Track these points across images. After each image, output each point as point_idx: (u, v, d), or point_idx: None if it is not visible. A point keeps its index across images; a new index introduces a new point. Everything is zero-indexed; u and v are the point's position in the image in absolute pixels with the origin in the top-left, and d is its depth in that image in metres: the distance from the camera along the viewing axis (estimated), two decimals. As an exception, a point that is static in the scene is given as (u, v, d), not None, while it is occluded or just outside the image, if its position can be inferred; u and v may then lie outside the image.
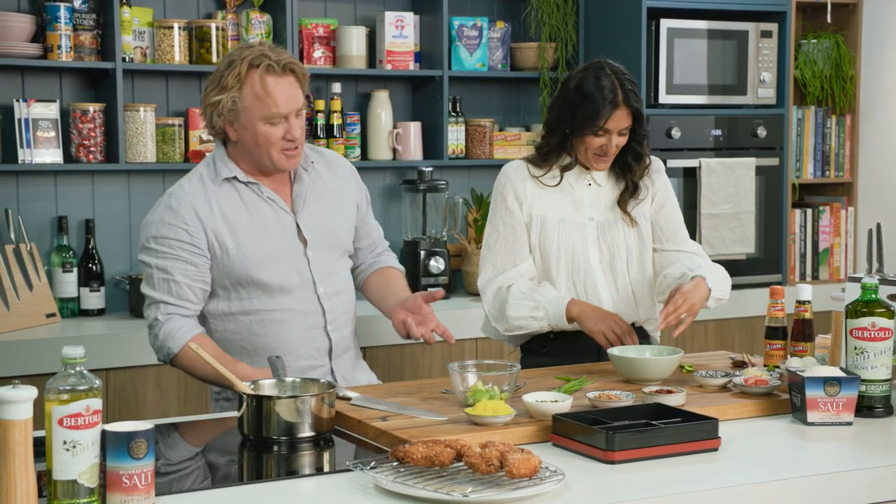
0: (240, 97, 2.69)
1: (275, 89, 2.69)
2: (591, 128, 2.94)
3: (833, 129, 5.18)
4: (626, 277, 3.06)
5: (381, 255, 3.07)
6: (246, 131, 2.72)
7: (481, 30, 4.71)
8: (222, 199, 2.76)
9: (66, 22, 4.02)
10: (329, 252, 2.85)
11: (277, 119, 2.70)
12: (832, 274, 5.17)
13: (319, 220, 2.84)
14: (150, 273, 2.74)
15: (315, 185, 2.87)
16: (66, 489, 1.81)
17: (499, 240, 3.05)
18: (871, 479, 2.15)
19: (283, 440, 2.29)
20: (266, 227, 2.77)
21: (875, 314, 2.48)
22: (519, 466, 1.92)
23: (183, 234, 2.71)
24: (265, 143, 2.71)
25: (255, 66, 2.68)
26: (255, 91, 2.68)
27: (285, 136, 2.72)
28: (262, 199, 2.79)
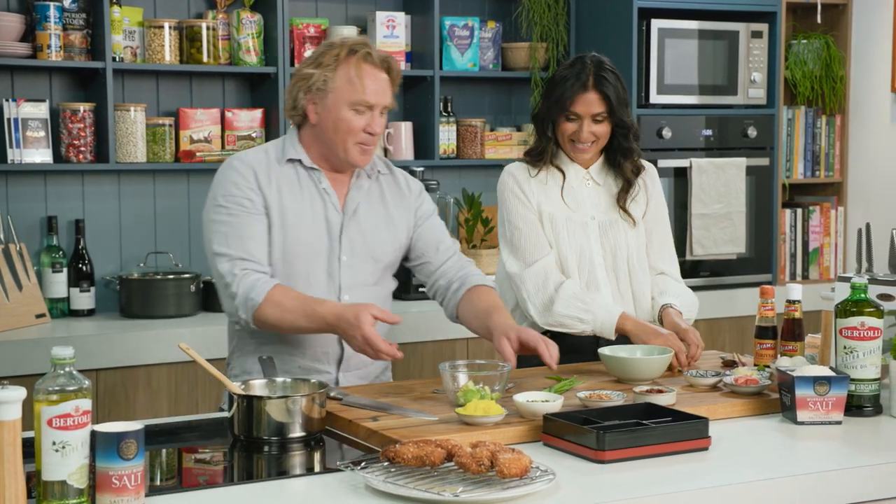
0: (332, 77, 2.68)
1: (368, 78, 2.69)
2: (563, 112, 2.99)
3: (823, 130, 5.19)
4: (627, 277, 3.07)
5: (467, 276, 2.88)
6: (329, 114, 2.70)
7: (472, 30, 4.71)
8: (281, 177, 2.74)
9: (56, 21, 4.02)
10: (364, 263, 2.80)
11: (363, 108, 2.69)
12: (822, 273, 5.18)
13: (365, 229, 2.79)
14: (222, 231, 2.68)
15: (372, 196, 2.83)
16: (55, 490, 1.80)
17: (521, 232, 3.04)
18: (861, 478, 2.15)
19: (274, 440, 2.29)
20: (313, 217, 2.74)
21: (864, 314, 2.49)
22: (510, 466, 1.92)
23: (250, 193, 2.70)
24: (345, 130, 2.69)
25: (354, 51, 2.69)
26: (348, 74, 2.68)
27: (366, 129, 2.70)
28: (317, 189, 2.76)
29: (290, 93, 2.75)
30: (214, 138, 4.32)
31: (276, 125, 4.34)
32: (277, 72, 4.31)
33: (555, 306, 2.97)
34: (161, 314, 4.06)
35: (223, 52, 4.32)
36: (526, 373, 2.86)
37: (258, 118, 4.40)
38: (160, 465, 2.27)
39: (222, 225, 2.70)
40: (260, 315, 2.63)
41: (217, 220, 2.71)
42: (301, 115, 2.75)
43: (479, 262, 4.52)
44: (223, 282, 2.68)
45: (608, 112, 2.99)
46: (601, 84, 2.97)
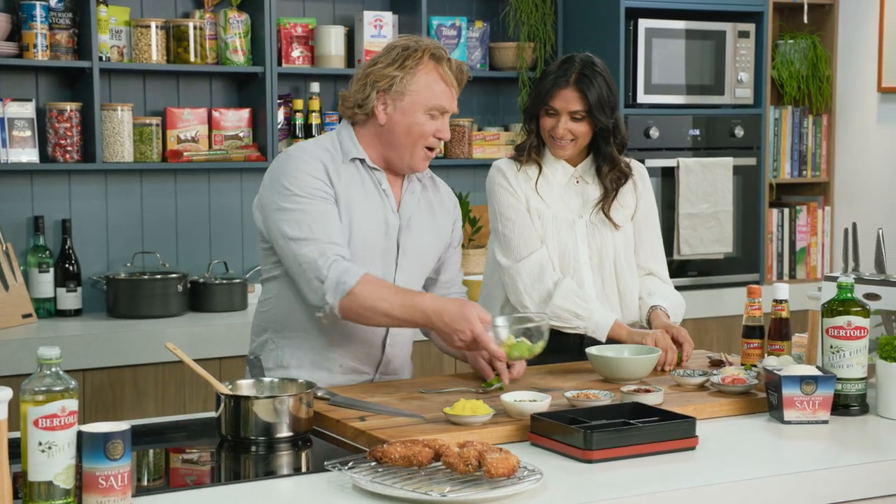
0: (412, 80, 2.67)
1: (448, 83, 2.70)
2: (543, 106, 3.01)
3: (810, 129, 5.21)
4: (613, 278, 3.07)
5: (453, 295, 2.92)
6: (403, 117, 2.68)
7: (460, 29, 4.71)
8: (346, 173, 2.71)
9: (42, 21, 4.00)
10: (415, 268, 2.80)
11: (438, 113, 2.69)
12: (809, 273, 5.20)
13: (417, 235, 2.79)
14: (301, 217, 2.60)
15: (422, 203, 2.83)
16: (41, 491, 1.80)
17: (514, 227, 3.03)
18: (847, 477, 2.16)
19: (261, 440, 2.29)
20: (375, 217, 2.72)
21: (851, 313, 2.49)
22: (497, 466, 1.92)
23: (323, 185, 2.65)
24: (417, 134, 2.68)
25: (436, 57, 2.69)
26: (429, 79, 2.68)
27: (436, 133, 2.69)
28: (378, 189, 2.74)
29: (359, 90, 2.70)
30: (202, 138, 4.32)
31: (263, 124, 4.33)
32: (264, 71, 4.30)
33: (554, 299, 2.97)
34: (148, 314, 4.05)
35: (210, 51, 4.31)
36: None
37: (245, 118, 4.39)
38: (147, 465, 2.27)
39: (297, 212, 2.61)
40: (351, 300, 2.54)
41: (290, 207, 2.62)
42: (366, 115, 2.71)
43: (467, 262, 4.53)
44: (311, 265, 2.57)
45: (586, 111, 2.98)
46: (582, 82, 2.97)
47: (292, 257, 2.61)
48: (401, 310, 2.55)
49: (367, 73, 2.71)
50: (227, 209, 4.46)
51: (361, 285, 2.54)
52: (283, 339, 2.76)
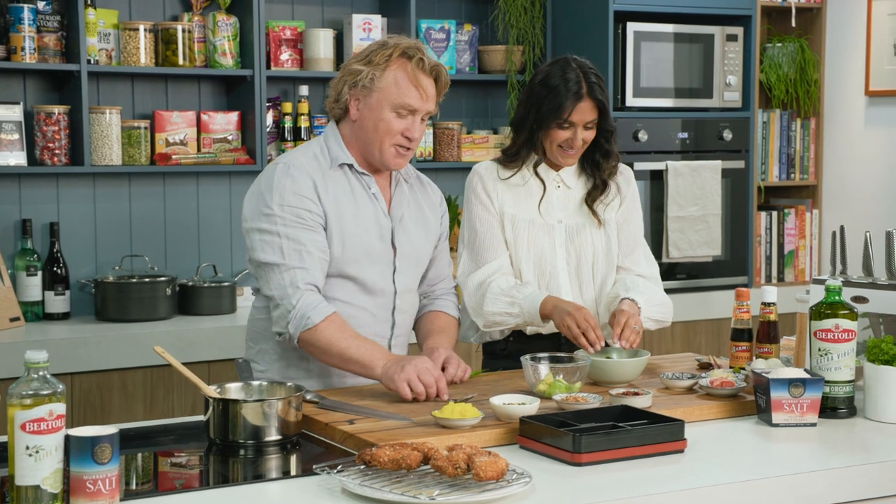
0: (380, 77, 2.67)
1: (415, 83, 2.68)
2: (556, 120, 2.95)
3: (798, 132, 5.22)
4: (592, 282, 3.05)
5: (439, 296, 2.95)
6: (371, 113, 2.69)
7: (449, 33, 4.72)
8: (335, 184, 2.72)
9: (30, 23, 3.99)
10: (412, 268, 2.82)
11: (405, 112, 2.68)
12: (797, 276, 5.21)
13: (411, 234, 2.81)
14: (278, 242, 2.63)
15: (411, 201, 2.84)
16: (28, 495, 1.79)
17: (476, 234, 3.03)
18: (835, 480, 2.16)
19: (250, 444, 2.29)
20: (367, 223, 2.74)
21: (839, 316, 2.50)
22: (486, 469, 1.92)
23: (311, 206, 2.66)
24: (384, 132, 2.69)
25: (407, 55, 2.68)
26: (396, 76, 2.68)
27: (404, 132, 2.69)
28: (368, 194, 2.76)
29: (335, 86, 2.74)
30: (190, 141, 4.31)
31: (252, 127, 4.33)
32: (253, 74, 4.30)
33: (484, 307, 2.97)
34: (136, 317, 4.04)
35: (199, 54, 4.30)
36: (501, 375, 2.87)
37: (234, 121, 4.39)
38: (136, 469, 2.26)
39: (275, 235, 2.64)
40: (311, 335, 2.58)
41: (269, 229, 2.65)
42: (342, 110, 2.74)
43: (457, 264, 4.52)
44: (280, 293, 2.61)
45: (599, 118, 2.99)
46: (594, 91, 2.95)
47: (264, 280, 2.66)
48: (356, 353, 2.57)
49: (342, 69, 2.75)
50: (216, 212, 4.45)
51: (325, 323, 2.58)
52: (285, 349, 2.75)
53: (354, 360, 2.58)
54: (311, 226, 2.65)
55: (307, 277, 2.61)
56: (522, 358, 2.64)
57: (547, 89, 2.96)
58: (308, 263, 2.63)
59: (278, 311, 2.63)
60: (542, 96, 2.97)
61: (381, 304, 2.77)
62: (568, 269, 3.03)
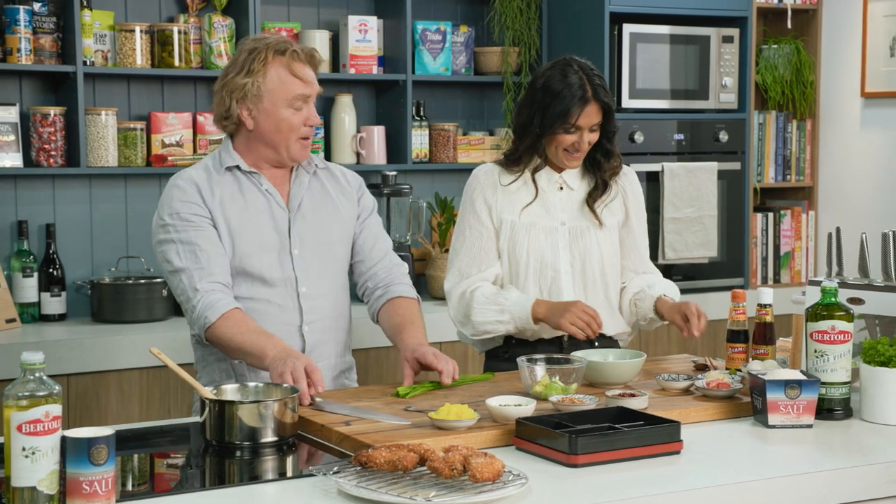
0: (264, 81, 2.73)
1: (301, 73, 2.75)
2: (563, 125, 2.94)
3: (794, 134, 5.23)
4: (597, 284, 3.04)
5: (391, 281, 2.93)
6: (268, 117, 2.75)
7: (445, 34, 4.72)
8: (222, 187, 2.79)
9: (26, 25, 3.99)
10: (318, 255, 2.84)
11: (300, 103, 2.75)
12: (793, 277, 5.21)
13: (312, 221, 2.84)
14: (174, 249, 2.72)
15: (314, 189, 2.88)
16: (25, 496, 1.79)
17: (465, 244, 3.04)
18: (831, 481, 2.16)
19: (246, 445, 2.28)
20: (258, 217, 2.79)
21: (835, 317, 2.50)
22: (482, 470, 1.92)
23: (197, 209, 2.74)
24: (287, 129, 2.75)
25: (280, 51, 2.75)
26: (280, 75, 2.74)
27: (306, 122, 2.77)
28: (259, 190, 2.81)
29: (220, 103, 2.78)
30: (186, 142, 4.31)
31: (248, 129, 4.32)
32: (250, 76, 4.29)
33: (472, 316, 2.97)
34: (132, 319, 4.04)
35: (195, 56, 4.30)
36: (499, 377, 2.87)
37: (230, 122, 4.38)
38: (132, 470, 2.26)
39: (172, 244, 2.74)
40: (211, 333, 2.67)
41: (166, 238, 2.75)
42: (235, 124, 2.79)
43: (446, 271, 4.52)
44: (184, 296, 2.72)
45: (604, 120, 2.99)
46: (599, 94, 2.94)
47: (172, 288, 2.77)
48: (250, 345, 2.63)
49: (222, 85, 2.78)
50: (212, 214, 4.44)
51: (221, 321, 2.66)
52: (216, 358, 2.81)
53: (248, 352, 2.65)
54: (200, 226, 2.73)
55: (204, 276, 2.69)
56: (519, 359, 2.64)
57: (551, 94, 2.94)
58: (203, 262, 2.70)
59: (187, 315, 2.74)
60: (546, 101, 2.95)
61: (284, 292, 2.79)
62: (572, 272, 3.03)
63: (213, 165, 2.82)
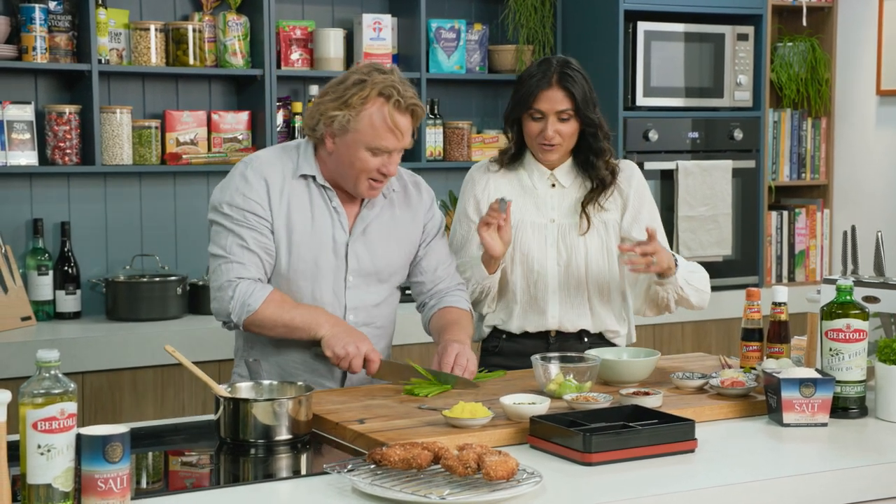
0: (356, 118, 2.64)
1: (395, 126, 2.65)
2: (527, 110, 2.96)
3: (809, 132, 5.21)
4: (581, 283, 3.01)
5: (446, 293, 2.92)
6: (347, 150, 2.68)
7: (459, 32, 4.71)
8: (293, 194, 2.74)
9: (42, 23, 4.00)
10: (372, 285, 2.80)
11: (380, 152, 2.67)
12: (808, 276, 5.20)
13: (373, 249, 2.79)
14: (224, 235, 2.71)
15: (383, 216, 2.82)
16: (40, 493, 1.80)
17: (454, 239, 3.11)
18: (846, 480, 2.16)
19: (261, 443, 2.29)
20: (321, 237, 2.74)
21: (850, 316, 2.49)
22: (496, 468, 1.92)
23: (256, 208, 2.70)
24: (360, 169, 2.68)
25: (384, 95, 2.64)
26: (373, 120, 2.64)
27: (380, 169, 2.68)
28: (328, 206, 2.76)
29: (310, 117, 2.72)
30: (201, 140, 4.32)
31: (262, 127, 4.33)
32: (264, 74, 4.30)
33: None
34: (147, 317, 4.05)
35: (209, 54, 4.31)
36: (514, 375, 2.87)
37: (244, 120, 4.39)
38: (146, 468, 2.27)
39: (224, 231, 2.71)
40: (255, 319, 2.66)
41: (221, 224, 2.72)
42: (318, 139, 2.73)
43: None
44: (219, 283, 2.69)
45: (574, 110, 2.95)
46: (565, 80, 2.94)
47: (210, 271, 2.76)
48: (301, 320, 2.66)
49: (317, 103, 2.72)
50: (227, 212, 4.45)
51: (265, 304, 2.66)
52: (251, 348, 2.80)
53: (299, 327, 2.66)
54: (255, 226, 2.70)
55: (243, 272, 2.69)
56: (533, 358, 2.64)
57: (521, 81, 3.01)
58: (247, 259, 2.69)
59: (217, 303, 2.71)
60: (517, 89, 3.01)
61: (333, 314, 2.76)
62: (558, 270, 3.01)
63: (291, 167, 2.75)
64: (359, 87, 2.65)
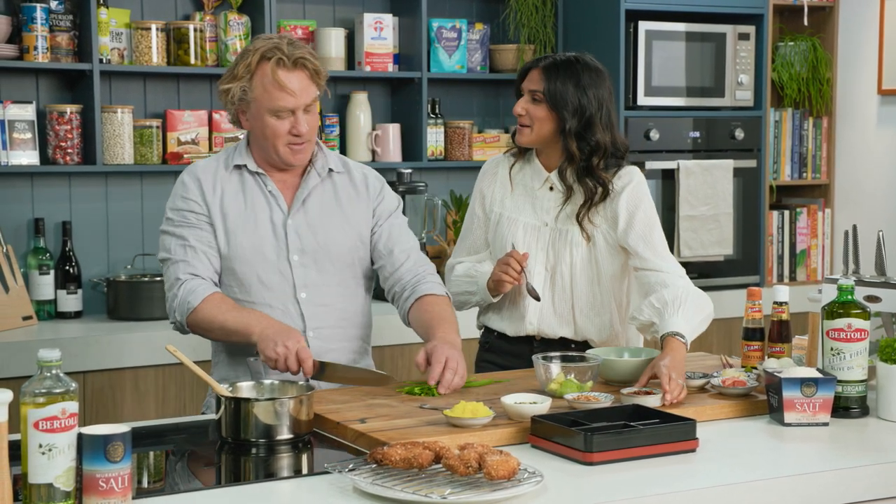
0: (250, 87, 2.69)
1: (283, 83, 2.67)
2: (517, 89, 2.99)
3: (810, 131, 5.21)
4: (568, 291, 2.97)
5: (419, 280, 2.85)
6: (256, 122, 2.73)
7: (460, 32, 4.71)
8: (226, 185, 2.79)
9: (43, 23, 4.00)
10: (318, 262, 2.78)
11: (284, 113, 2.69)
12: (809, 275, 5.20)
13: (315, 226, 2.79)
14: (169, 241, 2.76)
15: (323, 193, 2.82)
16: (41, 493, 1.80)
17: (463, 231, 3.15)
18: (847, 479, 2.16)
19: (262, 442, 2.29)
20: (256, 220, 2.76)
21: (851, 315, 2.49)
22: (497, 468, 1.92)
23: (194, 206, 2.76)
24: (272, 136, 2.72)
25: (266, 58, 2.69)
26: (263, 83, 2.68)
27: (291, 131, 2.71)
28: (263, 191, 2.79)
29: (224, 104, 2.78)
30: (202, 140, 4.32)
31: (263, 127, 4.33)
32: (265, 73, 4.30)
33: (450, 288, 2.98)
34: (148, 316, 4.05)
35: (210, 53, 4.31)
36: (514, 374, 2.87)
37: (246, 120, 4.39)
38: (147, 467, 2.27)
39: (169, 235, 2.77)
40: (194, 317, 2.69)
41: (165, 230, 2.79)
42: (236, 122, 2.79)
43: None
44: (168, 284, 2.76)
45: (545, 94, 2.90)
46: (550, 69, 2.92)
47: (165, 277, 2.79)
48: (234, 323, 2.64)
49: (219, 88, 2.78)
50: (228, 211, 4.46)
51: (204, 304, 2.68)
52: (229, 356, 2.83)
53: (233, 330, 2.65)
54: (195, 224, 2.76)
55: (188, 269, 2.72)
56: (534, 357, 2.64)
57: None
58: (190, 256, 2.73)
59: (168, 303, 2.75)
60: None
61: (284, 297, 2.76)
62: (545, 273, 3.00)
63: (225, 161, 2.82)
64: (242, 57, 2.72)
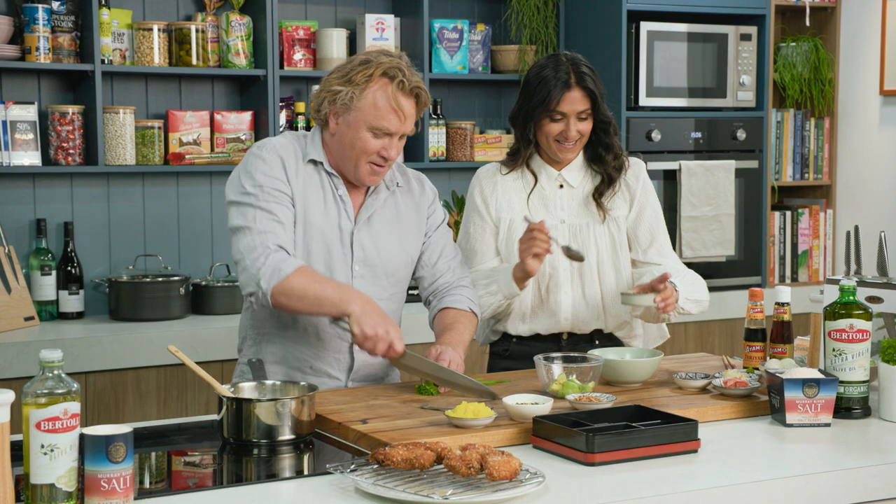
0: (359, 97, 2.65)
1: (398, 106, 2.65)
2: (547, 112, 2.95)
3: (812, 132, 5.21)
4: (596, 282, 3.02)
5: (447, 292, 2.88)
6: (348, 130, 2.68)
7: (462, 32, 4.72)
8: (306, 175, 2.73)
9: (45, 24, 4.01)
10: (379, 277, 2.78)
11: (382, 133, 2.67)
12: (811, 276, 5.19)
13: (378, 241, 2.78)
14: (252, 213, 2.64)
15: (387, 207, 2.81)
16: (43, 493, 1.80)
17: (469, 241, 3.07)
18: (849, 480, 2.16)
19: (263, 443, 2.29)
20: (328, 222, 2.73)
21: (853, 316, 2.49)
22: (499, 469, 1.92)
23: (279, 185, 2.68)
24: (360, 151, 2.68)
25: (389, 76, 2.65)
26: (375, 98, 2.65)
27: (380, 152, 2.68)
28: (334, 194, 2.75)
29: (316, 97, 2.73)
30: (203, 140, 4.32)
31: (265, 127, 4.34)
32: (266, 74, 4.30)
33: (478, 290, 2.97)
34: (150, 317, 4.06)
35: (212, 54, 4.31)
36: (514, 375, 2.87)
37: (247, 120, 4.39)
38: (149, 468, 2.27)
39: (246, 206, 2.66)
40: (284, 285, 2.57)
41: (241, 201, 2.67)
42: (323, 121, 2.74)
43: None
44: (250, 253, 2.61)
45: (592, 108, 2.97)
46: (583, 80, 2.94)
47: (234, 244, 2.67)
48: (332, 292, 2.58)
49: (323, 82, 2.73)
50: (229, 212, 4.46)
51: (296, 273, 2.58)
52: (260, 335, 2.79)
53: (329, 299, 2.58)
54: (281, 201, 2.67)
55: (276, 240, 2.63)
56: (535, 358, 2.64)
57: (536, 80, 2.97)
58: (278, 230, 2.64)
59: (246, 272, 2.62)
60: (532, 90, 2.98)
61: None
62: (570, 269, 3.01)
63: (299, 147, 2.75)
64: (364, 65, 2.67)
